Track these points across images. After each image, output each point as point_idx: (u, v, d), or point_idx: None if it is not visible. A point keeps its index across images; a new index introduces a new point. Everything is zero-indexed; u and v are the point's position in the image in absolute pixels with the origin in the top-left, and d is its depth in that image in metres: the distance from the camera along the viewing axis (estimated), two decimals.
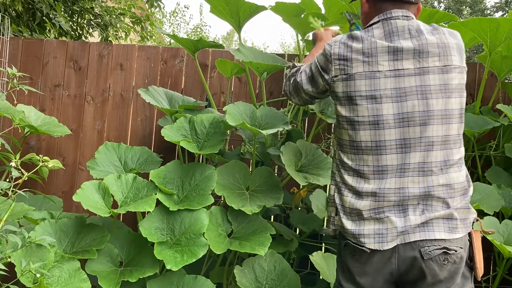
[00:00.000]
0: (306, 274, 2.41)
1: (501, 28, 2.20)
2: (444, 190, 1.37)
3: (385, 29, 1.41)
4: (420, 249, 1.34)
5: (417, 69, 1.37)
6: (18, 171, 1.67)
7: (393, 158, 1.37)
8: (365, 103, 1.38)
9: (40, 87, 2.82)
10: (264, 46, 25.20)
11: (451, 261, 1.35)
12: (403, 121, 1.36)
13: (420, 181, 1.37)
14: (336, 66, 1.43)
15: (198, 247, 1.91)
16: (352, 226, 1.40)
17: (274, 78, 2.69)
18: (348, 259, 1.43)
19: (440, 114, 1.36)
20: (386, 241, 1.35)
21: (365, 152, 1.40)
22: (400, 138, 1.36)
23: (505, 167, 2.36)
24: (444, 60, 1.37)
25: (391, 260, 1.36)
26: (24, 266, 1.53)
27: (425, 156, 1.36)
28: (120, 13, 5.65)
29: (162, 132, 2.11)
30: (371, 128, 1.38)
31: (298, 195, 2.49)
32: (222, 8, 2.30)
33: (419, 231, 1.35)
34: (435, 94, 1.36)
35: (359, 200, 1.40)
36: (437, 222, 1.36)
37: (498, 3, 17.88)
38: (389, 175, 1.37)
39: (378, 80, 1.37)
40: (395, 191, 1.37)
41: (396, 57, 1.37)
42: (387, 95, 1.37)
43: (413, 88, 1.36)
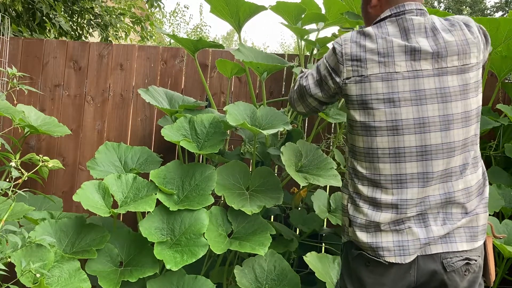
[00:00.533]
0: (306, 274, 2.41)
1: (501, 28, 2.20)
2: (463, 194, 1.30)
3: (400, 26, 1.31)
4: (443, 260, 1.27)
5: (436, 70, 1.28)
6: (18, 171, 1.67)
7: (413, 166, 1.28)
8: (382, 107, 1.28)
9: (40, 87, 2.82)
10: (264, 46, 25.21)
11: (471, 271, 1.30)
12: (424, 126, 1.27)
13: (441, 187, 1.29)
14: (348, 68, 1.33)
15: (198, 247, 1.91)
16: (368, 238, 1.31)
17: (274, 78, 2.69)
18: (360, 269, 1.35)
19: (460, 118, 1.28)
20: (408, 253, 1.27)
21: (381, 160, 1.30)
22: (421, 145, 1.27)
23: (505, 167, 2.36)
24: (463, 59, 1.28)
25: (409, 272, 1.29)
26: (24, 266, 1.53)
27: (448, 162, 1.28)
28: (120, 13, 5.65)
29: (162, 132, 2.11)
30: (389, 134, 1.28)
31: (298, 195, 2.49)
32: (222, 8, 2.30)
33: (441, 243, 1.28)
34: (454, 97, 1.27)
35: (378, 212, 1.30)
36: (458, 231, 1.29)
37: (498, 3, 17.88)
38: (410, 184, 1.28)
39: (396, 82, 1.27)
40: (418, 201, 1.28)
41: (413, 57, 1.28)
42: (406, 98, 1.27)
43: (433, 90, 1.27)
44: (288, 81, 2.72)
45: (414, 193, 1.28)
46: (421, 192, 1.28)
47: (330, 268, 2.00)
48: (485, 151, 2.43)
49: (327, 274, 1.96)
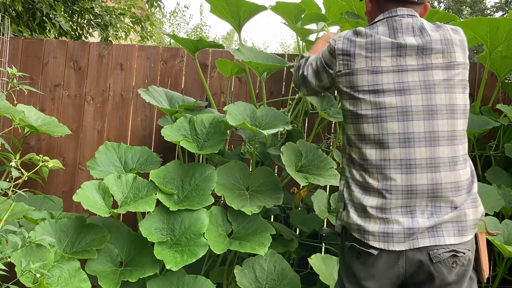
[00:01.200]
0: (306, 274, 2.41)
1: (501, 28, 2.20)
2: (452, 188, 1.34)
3: (390, 26, 1.41)
4: (429, 252, 1.31)
5: (420, 65, 1.36)
6: (18, 171, 1.67)
7: (396, 152, 1.34)
8: (367, 97, 1.37)
9: (40, 87, 2.82)
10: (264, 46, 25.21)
11: (459, 263, 1.33)
12: (407, 114, 1.34)
13: (428, 177, 1.33)
14: (340, 62, 1.43)
15: (198, 247, 1.91)
16: (358, 221, 1.37)
17: (274, 78, 2.69)
18: (353, 262, 1.40)
19: (445, 109, 1.35)
20: (392, 241, 1.32)
21: (368, 146, 1.38)
22: (403, 132, 1.34)
23: (505, 167, 2.36)
24: (448, 57, 1.37)
25: (398, 263, 1.33)
26: (24, 266, 1.53)
27: (432, 151, 1.33)
28: (120, 13, 5.65)
29: (162, 132, 2.11)
30: (374, 121, 1.37)
31: (298, 195, 2.49)
32: (222, 8, 2.30)
33: (428, 236, 1.32)
34: (438, 89, 1.35)
35: (367, 196, 1.37)
36: (446, 226, 1.33)
37: (498, 3, 17.88)
38: (393, 170, 1.34)
39: (381, 74, 1.37)
40: (403, 188, 1.33)
41: (399, 53, 1.37)
42: (390, 89, 1.36)
43: (416, 83, 1.35)
44: (288, 81, 2.72)
45: (397, 179, 1.33)
46: (405, 180, 1.33)
47: (334, 270, 2.00)
48: (485, 151, 2.43)
49: (331, 277, 1.96)
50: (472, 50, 13.75)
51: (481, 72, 2.59)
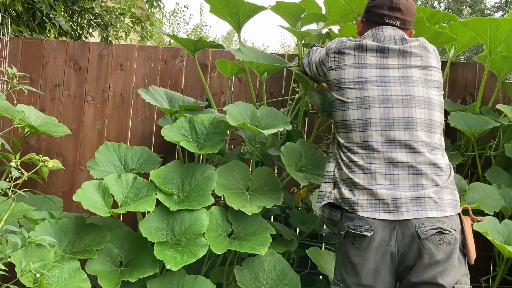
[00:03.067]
0: (306, 274, 2.41)
1: (501, 28, 2.20)
2: (432, 168, 1.50)
3: (374, 37, 1.66)
4: (417, 229, 1.43)
5: (401, 65, 1.60)
6: (18, 171, 1.67)
7: (377, 134, 1.53)
8: (352, 86, 1.60)
9: (40, 87, 2.82)
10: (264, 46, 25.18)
11: (446, 241, 1.44)
12: (387, 102, 1.55)
13: (408, 156, 1.50)
14: (332, 59, 1.69)
15: (198, 247, 1.91)
16: (349, 195, 1.53)
17: (274, 78, 2.69)
18: (349, 250, 1.50)
19: (422, 100, 1.56)
20: (379, 211, 1.47)
21: (353, 130, 1.58)
22: (384, 117, 1.54)
23: (505, 167, 2.36)
24: (425, 61, 1.62)
25: (390, 243, 1.45)
26: (24, 266, 1.53)
27: (410, 134, 1.52)
28: (120, 13, 5.64)
29: (162, 132, 2.11)
30: (358, 107, 1.57)
31: (298, 195, 2.49)
32: (222, 8, 2.30)
33: (412, 210, 1.45)
34: (415, 83, 1.57)
35: (354, 173, 1.54)
36: (428, 201, 1.46)
37: (498, 3, 17.88)
38: (376, 150, 1.52)
39: (365, 69, 1.60)
40: (385, 165, 1.51)
41: (382, 55, 1.62)
42: (372, 80, 1.58)
43: (396, 77, 1.58)
44: (288, 81, 2.72)
45: (380, 157, 1.52)
46: (387, 158, 1.51)
47: (331, 263, 2.02)
48: (485, 151, 2.43)
49: (329, 269, 1.98)
50: (472, 50, 13.76)
51: (481, 72, 2.59)
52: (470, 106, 2.49)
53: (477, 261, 2.31)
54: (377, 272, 1.45)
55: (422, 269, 1.43)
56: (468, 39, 2.35)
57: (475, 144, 2.37)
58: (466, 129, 2.21)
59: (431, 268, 1.42)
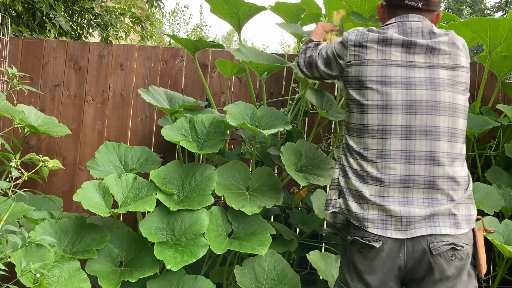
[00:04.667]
0: (306, 274, 2.41)
1: (501, 28, 2.20)
2: (449, 182, 1.39)
3: (400, 29, 1.48)
4: (429, 244, 1.35)
5: (428, 63, 1.44)
6: (18, 171, 1.67)
7: (397, 143, 1.40)
8: (375, 87, 1.43)
9: (40, 87, 2.82)
10: (264, 46, 25.18)
11: (458, 257, 1.36)
12: (410, 108, 1.41)
13: (426, 169, 1.39)
14: (351, 52, 1.50)
15: (198, 247, 1.91)
16: (357, 208, 1.41)
17: (274, 78, 2.69)
18: (355, 256, 1.43)
19: (447, 107, 1.42)
20: (390, 229, 1.36)
21: (370, 136, 1.43)
22: (406, 125, 1.40)
23: (505, 167, 2.36)
24: (453, 60, 1.45)
25: (399, 256, 1.37)
26: (24, 266, 1.53)
27: (432, 145, 1.39)
28: (120, 13, 5.64)
29: (162, 132, 2.11)
30: (379, 112, 1.42)
31: (298, 195, 2.49)
32: (222, 8, 2.30)
33: (425, 226, 1.36)
34: (442, 87, 1.42)
35: (364, 184, 1.42)
36: (443, 217, 1.37)
37: (498, 3, 17.88)
38: (393, 160, 1.40)
39: (390, 67, 1.43)
40: (401, 178, 1.39)
41: (409, 51, 1.45)
42: (397, 82, 1.42)
43: (422, 79, 1.42)
44: (288, 81, 2.72)
45: (397, 168, 1.39)
46: (404, 170, 1.39)
47: (332, 267, 2.01)
48: (485, 151, 2.43)
49: (329, 273, 1.97)
50: (472, 50, 13.75)
51: (481, 72, 2.59)
52: (470, 106, 2.49)
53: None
54: (383, 282, 1.39)
55: (431, 284, 1.37)
56: (468, 39, 2.34)
57: (475, 144, 2.37)
58: (466, 129, 2.20)
59: (441, 284, 1.37)
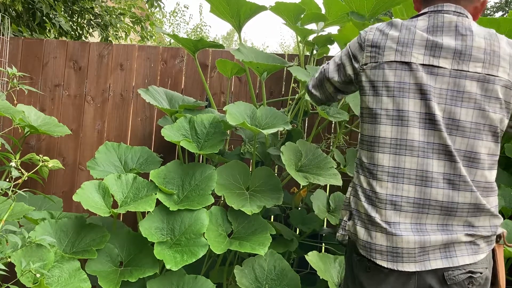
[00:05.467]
0: (306, 274, 2.41)
1: (501, 28, 2.20)
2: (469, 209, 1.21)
3: (430, 22, 1.26)
4: (444, 273, 1.19)
5: (454, 71, 1.21)
6: (18, 171, 1.67)
7: (413, 161, 1.21)
8: (391, 95, 1.24)
9: (40, 87, 2.82)
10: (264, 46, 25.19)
11: (476, 284, 1.21)
12: (429, 122, 1.21)
13: (445, 194, 1.20)
14: (367, 53, 1.30)
15: (198, 247, 1.91)
16: (364, 236, 1.26)
17: (274, 78, 2.69)
18: (361, 274, 1.29)
19: (468, 126, 1.20)
20: (402, 261, 1.20)
21: (381, 150, 1.25)
22: (423, 141, 1.21)
23: (505, 167, 2.36)
24: (489, 69, 1.21)
25: (410, 282, 1.21)
26: (24, 266, 1.53)
27: (451, 167, 1.21)
28: (120, 13, 5.64)
29: (162, 132, 2.11)
30: (394, 124, 1.23)
31: (298, 195, 2.49)
32: (223, 8, 2.30)
33: (441, 258, 1.20)
34: (466, 103, 1.20)
35: (373, 206, 1.25)
36: (459, 246, 1.21)
37: (498, 3, 17.88)
38: (406, 180, 1.22)
39: (409, 72, 1.23)
40: (414, 201, 1.21)
41: (433, 53, 1.23)
42: (415, 89, 1.22)
43: (444, 91, 1.21)
44: (288, 81, 2.72)
45: (410, 190, 1.22)
46: (418, 192, 1.21)
47: (331, 267, 2.00)
48: None
49: (328, 273, 1.97)
50: None
51: None
52: None
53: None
54: None
55: None
56: None
57: None
58: None
59: None
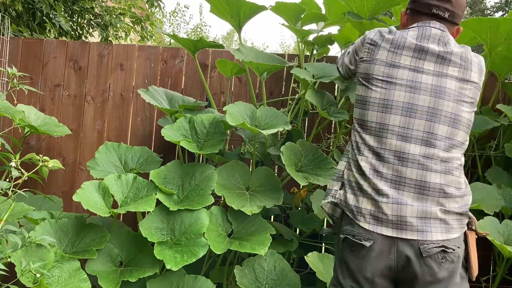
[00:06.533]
0: (306, 274, 2.41)
1: (501, 28, 2.20)
2: (441, 190, 1.40)
3: (419, 32, 1.50)
4: (419, 246, 1.37)
5: (436, 71, 1.45)
6: (18, 171, 1.67)
7: (392, 143, 1.43)
8: (379, 85, 1.46)
9: (40, 87, 2.82)
10: (264, 46, 25.18)
11: (449, 259, 1.38)
12: (410, 111, 1.43)
13: (418, 174, 1.40)
14: (365, 50, 1.54)
15: (198, 247, 1.91)
16: (353, 201, 1.45)
17: (274, 78, 2.69)
18: (347, 255, 1.46)
19: (448, 116, 1.43)
20: (381, 225, 1.40)
21: (368, 132, 1.47)
22: (403, 127, 1.42)
23: (505, 167, 2.36)
24: (464, 73, 1.46)
25: (389, 256, 1.39)
26: (24, 266, 1.53)
27: (427, 152, 1.41)
28: (120, 13, 5.64)
29: (162, 132, 2.11)
30: (379, 110, 1.45)
31: (298, 195, 2.49)
32: (223, 8, 2.30)
33: (416, 231, 1.38)
34: (447, 97, 1.43)
35: (361, 178, 1.45)
36: (434, 223, 1.39)
37: (498, 3, 17.87)
38: (386, 158, 1.42)
39: (397, 69, 1.46)
40: (392, 177, 1.41)
41: (419, 56, 1.46)
42: (401, 84, 1.44)
43: (429, 85, 1.44)
44: (288, 81, 2.72)
45: (389, 169, 1.42)
46: (396, 171, 1.41)
47: (331, 267, 2.00)
48: (485, 151, 2.43)
49: (328, 274, 1.97)
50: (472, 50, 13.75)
51: None
52: None
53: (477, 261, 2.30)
54: (373, 282, 1.41)
55: (422, 286, 1.39)
56: (468, 39, 2.34)
57: (475, 144, 2.37)
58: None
59: (431, 286, 1.38)
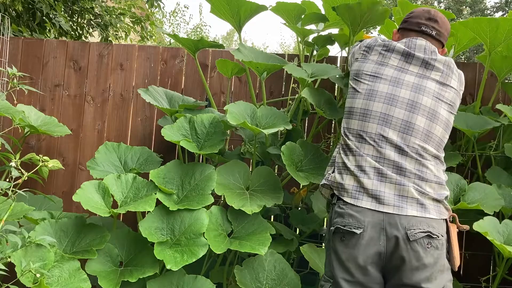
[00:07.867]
0: (306, 274, 2.41)
1: (501, 28, 2.20)
2: (416, 176, 1.54)
3: (407, 43, 1.70)
4: (406, 231, 1.47)
5: (420, 74, 1.64)
6: (18, 171, 1.67)
7: (373, 127, 1.59)
8: (367, 79, 1.66)
9: (40, 87, 2.82)
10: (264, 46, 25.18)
11: (434, 246, 1.48)
12: (392, 100, 1.60)
13: (396, 157, 1.55)
14: (361, 52, 1.75)
15: (198, 247, 1.91)
16: (339, 179, 1.60)
17: (274, 78, 2.69)
18: (337, 245, 1.55)
19: (427, 110, 1.59)
20: (361, 199, 1.53)
21: (354, 117, 1.64)
22: (384, 113, 1.59)
23: (505, 167, 2.36)
24: (445, 79, 1.64)
25: (379, 243, 1.48)
26: (24, 266, 1.53)
27: (404, 138, 1.56)
28: (120, 13, 5.64)
29: (162, 132, 2.11)
30: (364, 98, 1.64)
31: (298, 195, 2.49)
32: (223, 7, 2.30)
33: (393, 205, 1.50)
34: (427, 94, 1.61)
35: (346, 158, 1.62)
36: (411, 201, 1.51)
37: (498, 3, 17.87)
38: (368, 140, 1.58)
39: (384, 67, 1.66)
40: (372, 158, 1.57)
41: (406, 60, 1.66)
42: (386, 78, 1.64)
43: (410, 83, 1.62)
44: (288, 81, 2.72)
45: (370, 149, 1.58)
46: (376, 151, 1.57)
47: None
48: (485, 151, 2.43)
49: (321, 264, 1.97)
50: (472, 50, 13.76)
51: (481, 72, 2.59)
52: (470, 106, 2.49)
53: (477, 261, 2.31)
54: (365, 269, 1.49)
55: (409, 272, 1.47)
56: (468, 39, 2.34)
57: (475, 144, 2.37)
58: (466, 129, 2.20)
59: (418, 272, 1.46)
